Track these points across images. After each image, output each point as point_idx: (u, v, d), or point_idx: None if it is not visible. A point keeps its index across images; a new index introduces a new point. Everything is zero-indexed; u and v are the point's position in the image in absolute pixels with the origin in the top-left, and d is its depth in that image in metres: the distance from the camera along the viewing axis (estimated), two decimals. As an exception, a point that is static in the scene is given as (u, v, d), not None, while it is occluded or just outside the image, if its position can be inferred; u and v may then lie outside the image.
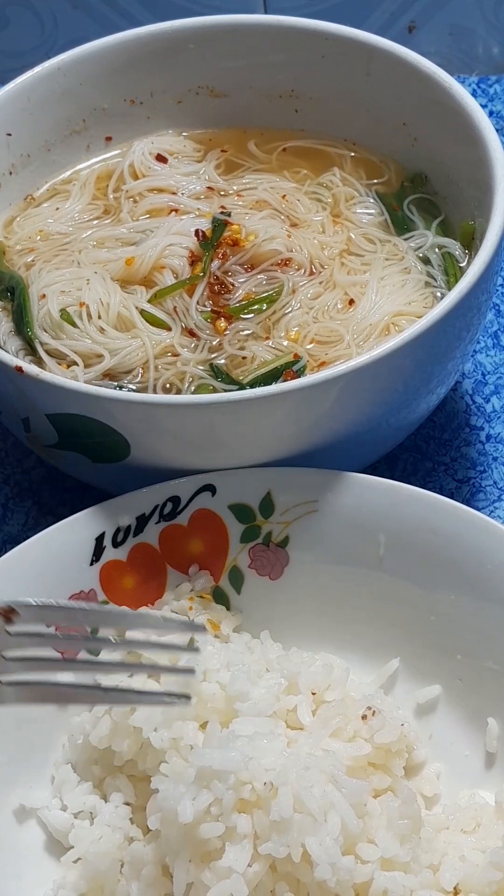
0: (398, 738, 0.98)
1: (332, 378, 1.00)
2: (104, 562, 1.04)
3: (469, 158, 1.14)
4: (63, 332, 1.13)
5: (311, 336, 1.14)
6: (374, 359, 1.00)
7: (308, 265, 1.18)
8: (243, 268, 1.17)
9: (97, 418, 1.03)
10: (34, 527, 1.17)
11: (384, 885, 0.90)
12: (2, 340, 1.15)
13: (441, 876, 0.92)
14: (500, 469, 1.21)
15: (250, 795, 0.90)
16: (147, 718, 0.96)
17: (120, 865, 0.96)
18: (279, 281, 1.16)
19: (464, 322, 1.06)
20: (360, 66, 1.23)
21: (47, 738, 1.02)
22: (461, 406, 1.26)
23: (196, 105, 1.27)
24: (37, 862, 0.99)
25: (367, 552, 1.05)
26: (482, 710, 1.01)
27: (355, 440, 1.07)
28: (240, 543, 1.06)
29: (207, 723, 0.97)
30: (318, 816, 0.89)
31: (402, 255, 1.19)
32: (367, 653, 1.05)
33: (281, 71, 1.27)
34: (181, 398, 1.07)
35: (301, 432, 1.04)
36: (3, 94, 1.23)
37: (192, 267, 1.16)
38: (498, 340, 1.30)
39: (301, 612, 1.07)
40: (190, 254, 1.17)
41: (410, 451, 1.22)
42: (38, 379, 1.03)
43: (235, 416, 1.01)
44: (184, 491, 1.05)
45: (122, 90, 1.29)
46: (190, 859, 0.90)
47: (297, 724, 0.99)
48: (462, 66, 1.59)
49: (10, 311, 1.17)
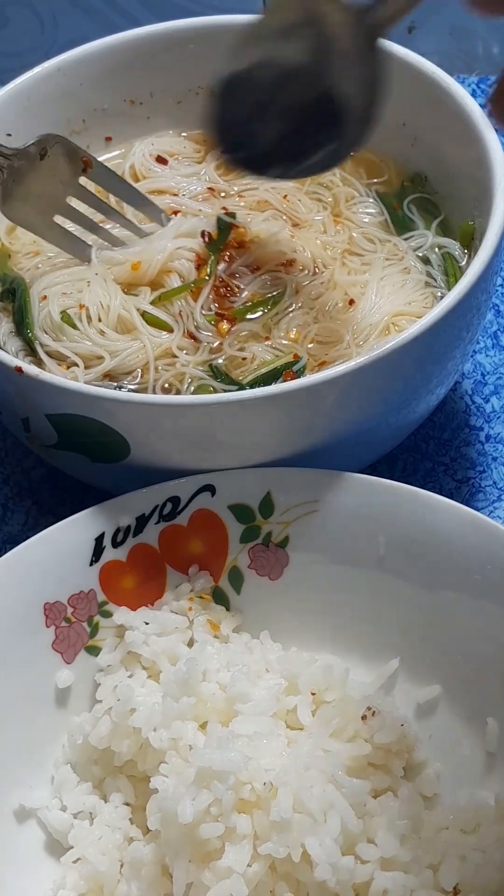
0: (398, 739, 0.98)
1: (332, 378, 1.00)
2: (104, 562, 1.04)
3: (469, 158, 1.14)
4: (63, 334, 1.13)
5: (311, 336, 1.14)
6: (374, 359, 1.00)
7: (311, 266, 1.18)
8: (248, 269, 1.17)
9: (97, 418, 1.03)
10: (34, 527, 1.17)
11: (384, 885, 0.90)
12: (2, 341, 1.15)
13: (441, 876, 0.92)
14: (500, 469, 1.21)
15: (250, 795, 0.90)
16: (147, 718, 0.97)
17: (120, 865, 0.96)
18: (283, 282, 1.16)
19: (463, 322, 1.06)
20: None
21: (47, 738, 1.02)
22: (461, 406, 1.26)
23: (196, 105, 1.27)
24: (36, 862, 0.99)
25: (367, 552, 1.05)
26: (482, 710, 1.00)
27: (355, 440, 1.07)
28: (239, 544, 1.06)
29: (207, 723, 0.97)
30: (317, 816, 0.89)
31: (402, 255, 1.19)
32: (367, 653, 1.05)
33: (281, 71, 1.27)
34: (181, 398, 1.07)
35: (301, 432, 1.04)
36: (3, 94, 1.23)
37: (197, 270, 1.16)
38: (497, 340, 1.30)
39: (301, 612, 1.07)
40: (196, 257, 1.17)
41: (410, 451, 1.22)
42: (37, 379, 1.03)
43: (235, 416, 1.01)
44: (184, 491, 1.05)
45: (122, 90, 1.29)
46: (190, 859, 0.90)
47: (296, 725, 0.99)
48: (462, 66, 1.59)
49: (10, 312, 1.17)
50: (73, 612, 1.03)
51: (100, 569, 1.04)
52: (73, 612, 1.03)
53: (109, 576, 1.05)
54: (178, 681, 0.97)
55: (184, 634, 1.03)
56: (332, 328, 1.14)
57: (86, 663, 1.04)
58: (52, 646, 1.03)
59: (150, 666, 1.02)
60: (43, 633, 1.02)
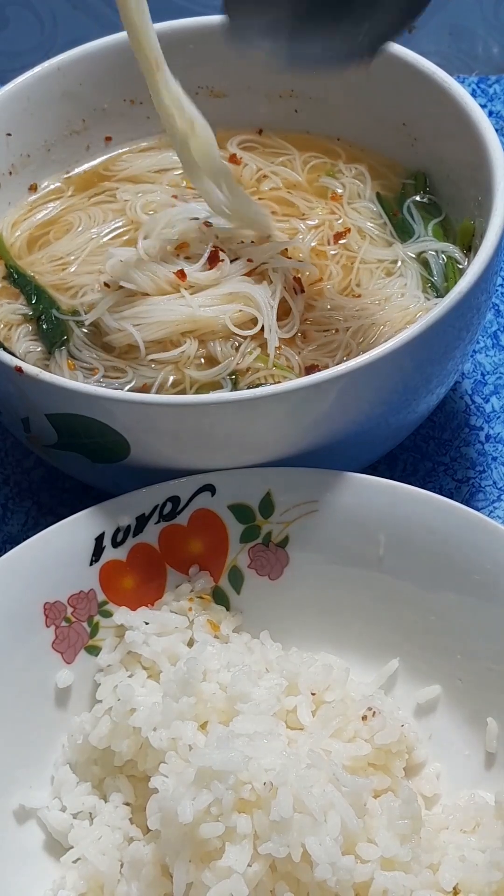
0: (398, 739, 0.98)
1: (332, 378, 1.00)
2: (104, 562, 1.04)
3: (469, 158, 1.14)
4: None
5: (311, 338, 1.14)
6: (374, 359, 1.00)
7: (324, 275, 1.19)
8: (295, 291, 1.17)
9: (97, 418, 1.03)
10: (34, 527, 1.17)
11: (384, 884, 0.90)
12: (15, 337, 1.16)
13: (441, 876, 0.92)
14: (500, 469, 1.21)
15: (250, 795, 0.90)
16: (147, 718, 0.97)
17: (120, 865, 0.96)
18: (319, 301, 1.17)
19: (463, 322, 1.06)
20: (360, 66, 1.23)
21: (47, 738, 1.02)
22: (461, 406, 1.26)
23: (196, 105, 1.27)
24: (36, 862, 0.99)
25: (367, 552, 1.05)
26: (482, 710, 1.01)
27: (355, 440, 1.07)
28: (239, 543, 1.06)
29: (207, 723, 0.97)
30: (318, 816, 0.89)
31: (402, 258, 1.19)
32: (367, 653, 1.05)
33: (281, 71, 1.27)
34: (181, 398, 1.07)
35: (301, 432, 1.04)
36: (3, 94, 1.23)
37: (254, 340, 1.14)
38: (497, 340, 1.30)
39: (301, 612, 1.07)
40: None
41: (410, 451, 1.22)
42: (37, 379, 1.03)
43: (235, 416, 1.01)
44: (183, 491, 1.05)
45: (122, 90, 1.29)
46: (190, 859, 0.90)
47: (296, 725, 0.99)
48: (462, 66, 1.59)
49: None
50: (73, 612, 1.03)
51: (100, 569, 1.04)
52: (73, 612, 1.03)
53: (109, 576, 1.05)
54: (178, 681, 0.97)
55: (184, 634, 1.03)
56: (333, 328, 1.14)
57: (86, 663, 1.04)
58: (52, 646, 1.03)
59: (150, 666, 1.02)
60: (43, 633, 1.02)
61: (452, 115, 1.17)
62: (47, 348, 1.15)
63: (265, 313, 1.12)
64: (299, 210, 1.24)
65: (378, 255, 1.20)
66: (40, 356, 1.15)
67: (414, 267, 1.18)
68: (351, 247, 1.21)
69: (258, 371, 1.11)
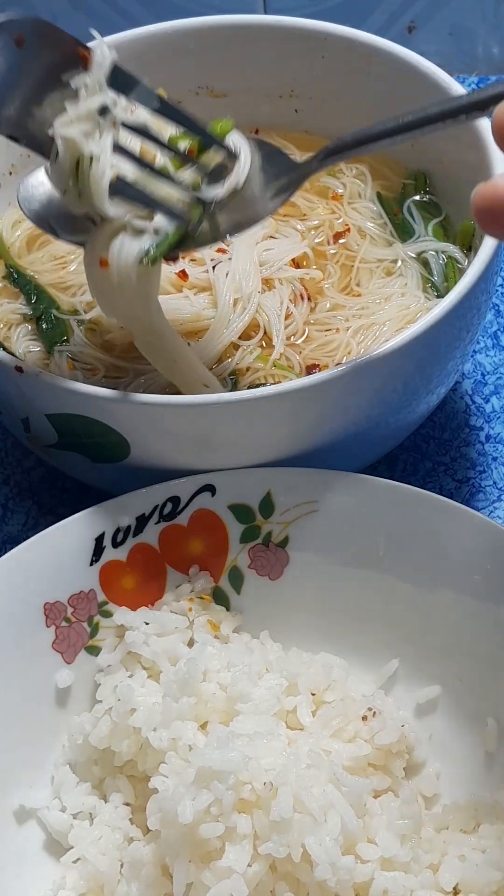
0: (398, 739, 0.98)
1: (332, 378, 1.00)
2: (104, 562, 1.04)
3: (469, 158, 1.14)
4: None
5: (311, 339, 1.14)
6: (374, 359, 1.00)
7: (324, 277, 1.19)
8: (301, 298, 1.17)
9: (97, 418, 1.03)
10: (34, 527, 1.17)
11: (384, 884, 0.90)
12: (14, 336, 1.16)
13: (441, 876, 0.92)
14: (500, 469, 1.21)
15: (250, 795, 0.90)
16: (147, 718, 0.97)
17: (120, 865, 0.96)
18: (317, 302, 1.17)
19: (464, 322, 1.06)
20: (360, 67, 1.23)
21: (47, 739, 1.02)
22: (461, 406, 1.26)
23: (196, 105, 1.27)
24: (36, 862, 0.99)
25: (367, 552, 1.05)
26: (482, 710, 1.01)
27: (355, 440, 1.07)
28: (240, 543, 1.06)
29: (207, 723, 0.97)
30: (318, 816, 0.89)
31: (402, 257, 1.19)
32: (367, 653, 1.05)
33: (281, 71, 1.27)
34: (181, 398, 1.06)
35: (301, 432, 1.04)
36: (3, 94, 1.23)
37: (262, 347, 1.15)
38: (498, 340, 1.30)
39: (301, 612, 1.07)
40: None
41: (410, 451, 1.22)
42: (38, 379, 1.03)
43: (235, 416, 1.01)
44: (184, 491, 1.05)
45: (123, 90, 1.29)
46: (190, 859, 0.90)
47: (297, 725, 0.99)
48: (462, 66, 1.59)
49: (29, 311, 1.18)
50: (73, 612, 1.03)
51: (100, 569, 1.04)
52: (73, 612, 1.03)
53: (109, 576, 1.05)
54: (179, 681, 0.97)
55: (184, 634, 1.03)
56: (333, 328, 1.14)
57: (86, 663, 1.04)
58: (52, 646, 1.03)
59: (151, 666, 1.02)
60: (43, 633, 1.02)
61: (452, 115, 1.16)
62: (47, 348, 1.15)
63: (273, 323, 1.13)
64: (300, 210, 1.24)
65: (378, 255, 1.20)
66: (40, 356, 1.15)
67: (414, 267, 1.18)
68: (351, 246, 1.21)
69: (258, 371, 1.11)
